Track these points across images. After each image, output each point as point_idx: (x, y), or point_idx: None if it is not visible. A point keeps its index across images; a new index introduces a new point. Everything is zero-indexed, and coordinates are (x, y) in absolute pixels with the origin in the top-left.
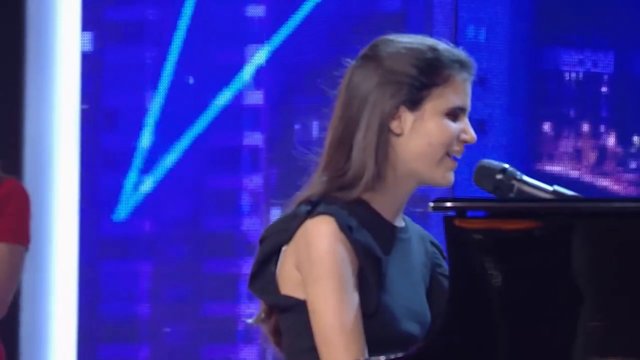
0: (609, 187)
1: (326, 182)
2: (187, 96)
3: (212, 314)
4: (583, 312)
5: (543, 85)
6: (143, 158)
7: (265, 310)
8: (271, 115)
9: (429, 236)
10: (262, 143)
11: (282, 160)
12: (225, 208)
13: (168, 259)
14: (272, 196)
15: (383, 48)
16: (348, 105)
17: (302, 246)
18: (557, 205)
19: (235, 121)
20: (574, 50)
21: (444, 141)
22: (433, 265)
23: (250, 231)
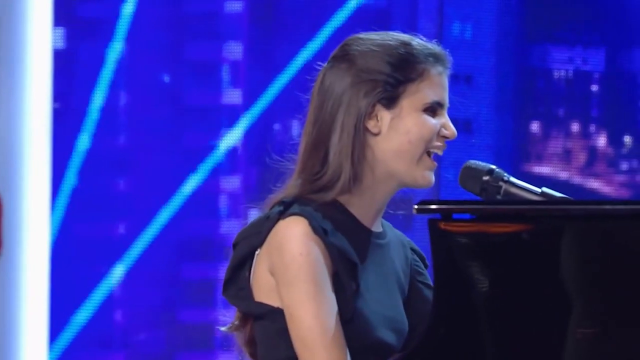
0: (600, 189)
1: (301, 185)
2: (162, 95)
3: (189, 320)
4: (572, 318)
5: (531, 84)
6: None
7: (240, 318)
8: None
9: (410, 243)
10: (240, 143)
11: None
12: (204, 210)
13: (142, 263)
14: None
15: (354, 47)
16: (321, 108)
17: (274, 249)
18: (545, 208)
19: (213, 121)
20: (564, 47)
21: (423, 137)
22: (413, 273)
23: (229, 234)
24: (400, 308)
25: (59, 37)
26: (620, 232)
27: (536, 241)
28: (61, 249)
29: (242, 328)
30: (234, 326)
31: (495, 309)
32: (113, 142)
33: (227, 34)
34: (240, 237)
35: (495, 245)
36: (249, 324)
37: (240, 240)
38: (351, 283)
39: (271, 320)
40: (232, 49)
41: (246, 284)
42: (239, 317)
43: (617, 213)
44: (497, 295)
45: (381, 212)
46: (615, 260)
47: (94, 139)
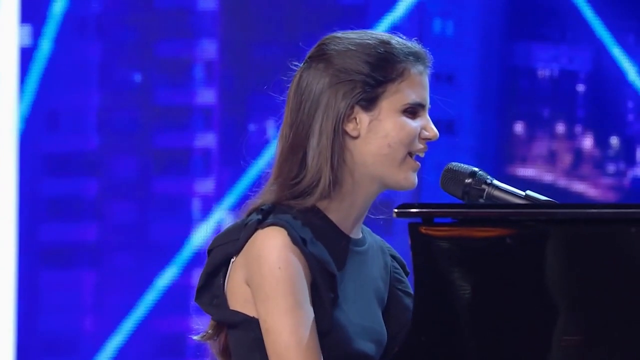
0: (586, 192)
1: (279, 190)
2: (132, 94)
3: (160, 329)
4: (557, 326)
5: (515, 83)
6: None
7: (213, 326)
8: (224, 115)
9: (390, 249)
10: (214, 145)
11: (236, 163)
12: (174, 214)
13: (113, 269)
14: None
15: (331, 46)
16: (298, 110)
17: (252, 259)
18: (530, 212)
19: (186, 121)
20: (549, 45)
21: (403, 140)
22: (393, 280)
23: (201, 239)
24: (379, 318)
25: (26, 34)
26: (607, 237)
27: (520, 246)
28: (28, 253)
29: (215, 337)
30: (207, 335)
31: (478, 316)
32: (82, 144)
33: (201, 31)
34: (215, 243)
35: (478, 250)
36: (223, 332)
37: (216, 246)
38: (329, 294)
39: (246, 329)
40: (205, 47)
41: (221, 292)
42: (212, 325)
43: (603, 217)
44: (480, 302)
45: (362, 218)
46: (602, 266)
47: (62, 140)
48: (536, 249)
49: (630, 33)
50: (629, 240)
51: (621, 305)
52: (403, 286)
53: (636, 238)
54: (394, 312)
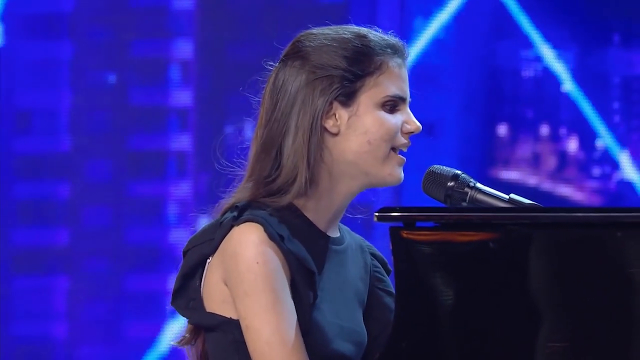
0: (571, 196)
1: (254, 188)
2: (106, 95)
3: (136, 335)
4: (541, 332)
5: (498, 84)
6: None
7: (190, 330)
8: (200, 116)
9: (370, 247)
10: (190, 147)
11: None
12: (150, 218)
13: (86, 274)
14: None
15: (306, 43)
16: (274, 110)
17: (228, 257)
18: (513, 215)
19: (161, 123)
20: (532, 44)
21: (383, 137)
22: (373, 280)
23: (177, 244)
24: (358, 318)
25: None
26: (593, 241)
27: (504, 251)
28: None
29: (193, 341)
30: (184, 339)
31: (460, 322)
32: (54, 146)
33: (176, 31)
34: (190, 244)
35: (460, 255)
36: (201, 336)
37: (191, 247)
38: (308, 293)
39: (224, 332)
40: (181, 47)
41: (197, 294)
42: (189, 329)
43: (589, 221)
44: (463, 308)
45: (339, 216)
46: (587, 271)
47: (34, 142)
48: (520, 254)
49: (616, 32)
50: (615, 245)
51: (607, 311)
52: (384, 285)
53: (622, 242)
54: (375, 312)
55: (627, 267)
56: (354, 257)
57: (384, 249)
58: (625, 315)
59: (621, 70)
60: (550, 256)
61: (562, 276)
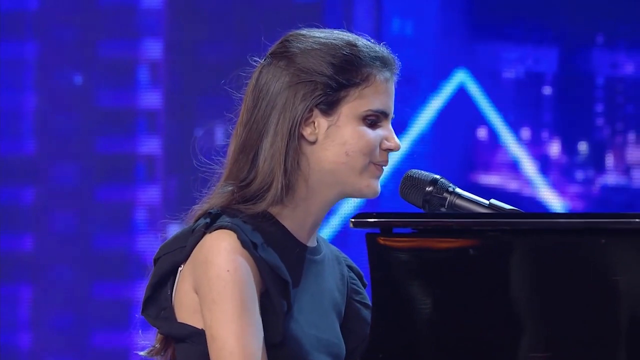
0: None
1: (228, 193)
2: (73, 97)
3: (102, 345)
4: (524, 341)
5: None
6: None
7: (161, 340)
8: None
9: (347, 259)
10: (159, 150)
11: (182, 170)
12: (117, 224)
13: (51, 282)
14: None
15: (295, 44)
16: (255, 109)
17: (199, 264)
18: (494, 221)
19: (129, 125)
20: (513, 45)
21: (362, 150)
22: (350, 292)
23: (146, 251)
24: (336, 330)
25: None
26: (575, 248)
27: (484, 258)
28: None
29: (163, 352)
30: (154, 350)
31: (439, 332)
32: (18, 149)
33: (145, 31)
34: (161, 251)
35: (439, 262)
36: (171, 347)
37: (162, 255)
38: (282, 302)
39: (195, 343)
40: (150, 47)
41: (168, 303)
42: (159, 339)
43: (571, 227)
44: (442, 317)
45: (317, 226)
46: (570, 279)
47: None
48: (501, 261)
49: (599, 32)
50: (599, 252)
51: (590, 320)
52: (361, 298)
53: (606, 249)
54: (352, 325)
55: (611, 275)
56: (331, 268)
57: (360, 256)
58: (609, 324)
59: (605, 72)
60: (532, 263)
61: (544, 284)
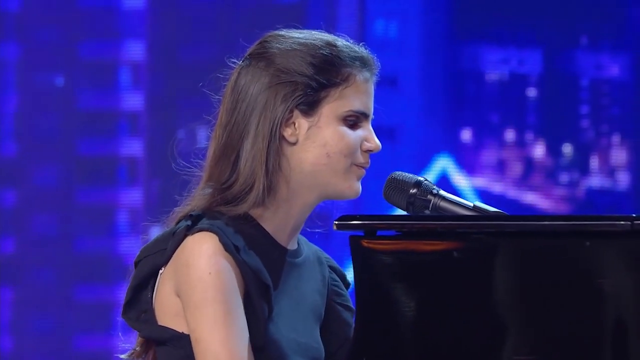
0: (537, 203)
1: (210, 195)
2: (54, 99)
3: (84, 347)
4: (508, 344)
5: (462, 87)
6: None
7: (141, 343)
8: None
9: (329, 260)
10: (141, 152)
11: (164, 172)
12: (99, 227)
13: (33, 285)
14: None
15: (274, 44)
16: (234, 110)
17: (181, 267)
18: (478, 224)
19: (111, 127)
20: (497, 47)
21: (342, 151)
22: (331, 294)
23: (127, 253)
24: (315, 334)
25: None
26: (560, 251)
27: (468, 260)
28: None
29: (144, 355)
30: (135, 353)
31: (424, 335)
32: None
33: (127, 32)
34: (142, 254)
35: (423, 264)
36: (152, 349)
37: (143, 257)
38: (263, 306)
39: (175, 346)
40: (132, 48)
41: (149, 306)
42: (140, 342)
43: (556, 230)
44: (426, 320)
45: (298, 229)
46: (555, 282)
47: None
48: (485, 263)
49: (583, 34)
50: (583, 255)
51: (575, 323)
52: (342, 300)
53: (591, 252)
54: (333, 327)
55: (595, 277)
56: (312, 270)
57: (343, 259)
58: (594, 327)
59: (589, 73)
60: (516, 266)
61: (528, 287)
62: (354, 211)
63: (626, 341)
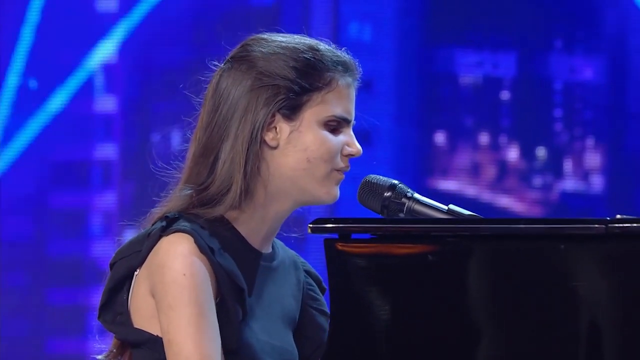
0: (511, 207)
1: (186, 197)
2: (28, 101)
3: (58, 351)
4: (482, 347)
5: (436, 90)
6: None
7: (117, 346)
8: (126, 124)
9: (305, 264)
10: (115, 156)
11: (138, 176)
12: (72, 230)
13: (6, 289)
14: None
15: (256, 47)
16: (215, 113)
17: (155, 268)
18: (453, 227)
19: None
20: (471, 50)
21: (323, 156)
22: (306, 298)
23: (101, 256)
24: (289, 337)
25: None
26: (534, 254)
27: (443, 263)
28: None
29: (119, 357)
30: (111, 355)
31: (398, 338)
32: None
33: (100, 35)
34: (118, 256)
35: (398, 267)
36: (127, 352)
37: (118, 259)
38: (237, 309)
39: (150, 349)
40: (105, 51)
41: (124, 309)
42: (116, 344)
43: (530, 233)
44: (400, 322)
45: (273, 234)
46: (529, 285)
47: None
48: (460, 266)
49: (558, 37)
50: (558, 258)
51: (550, 326)
52: (317, 304)
53: (565, 255)
54: (308, 331)
55: (570, 280)
56: (287, 274)
57: (318, 263)
58: (569, 330)
59: (563, 77)
60: (491, 269)
61: (503, 290)
62: (328, 214)
63: (600, 344)
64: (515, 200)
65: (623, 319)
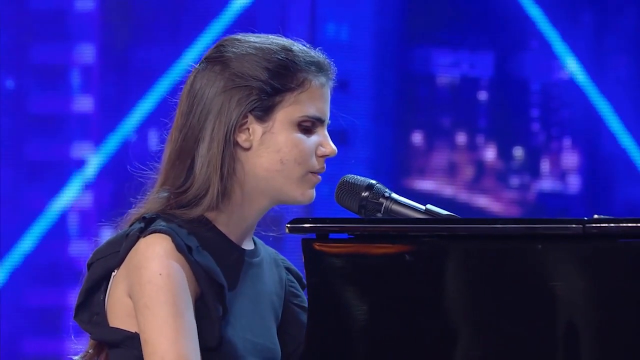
0: (488, 207)
1: (163, 199)
2: (5, 101)
3: (33, 352)
4: (459, 347)
5: (413, 90)
6: None
7: (94, 346)
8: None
9: (285, 261)
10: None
11: (115, 175)
12: (50, 230)
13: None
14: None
15: (229, 48)
16: (190, 114)
17: (133, 268)
18: (430, 227)
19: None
20: (448, 50)
21: (297, 159)
22: (288, 295)
23: (78, 256)
24: (272, 334)
25: None
26: (512, 254)
27: (420, 263)
28: None
29: (96, 357)
30: (87, 355)
31: (374, 337)
32: None
33: (78, 35)
34: (95, 256)
35: (375, 267)
36: (104, 352)
37: (95, 260)
38: (217, 307)
39: (127, 347)
40: (82, 51)
41: (101, 309)
42: (92, 345)
43: (508, 233)
44: (378, 323)
45: (252, 230)
46: (507, 284)
47: None
48: (437, 266)
49: (534, 37)
50: (535, 257)
51: (528, 326)
52: (299, 301)
53: (543, 255)
54: (290, 329)
55: (547, 280)
56: (269, 271)
57: (296, 262)
58: (547, 330)
59: (540, 77)
60: (468, 269)
61: (481, 290)
62: (306, 214)
63: (577, 344)
64: (493, 200)
65: (600, 319)
